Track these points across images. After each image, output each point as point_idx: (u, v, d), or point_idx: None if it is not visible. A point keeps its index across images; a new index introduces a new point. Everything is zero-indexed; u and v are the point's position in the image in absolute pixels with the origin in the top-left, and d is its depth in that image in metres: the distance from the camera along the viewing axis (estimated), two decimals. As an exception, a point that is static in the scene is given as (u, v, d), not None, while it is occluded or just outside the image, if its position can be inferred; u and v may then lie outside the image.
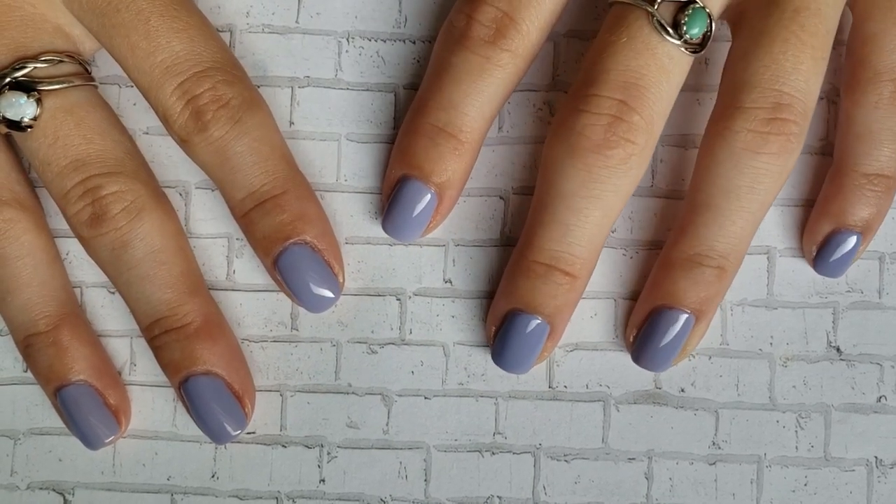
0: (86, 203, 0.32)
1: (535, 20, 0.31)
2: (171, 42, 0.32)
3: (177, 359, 0.33)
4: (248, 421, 0.34)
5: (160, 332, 0.33)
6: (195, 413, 0.33)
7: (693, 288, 0.32)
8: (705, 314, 0.33)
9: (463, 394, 0.35)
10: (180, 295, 0.33)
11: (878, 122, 0.33)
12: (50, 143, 0.32)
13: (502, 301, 0.33)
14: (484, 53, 0.31)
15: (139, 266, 0.33)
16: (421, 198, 0.33)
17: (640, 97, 0.30)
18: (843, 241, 0.34)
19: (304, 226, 0.33)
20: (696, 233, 0.32)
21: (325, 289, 0.34)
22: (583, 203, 0.31)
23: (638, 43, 0.30)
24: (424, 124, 0.32)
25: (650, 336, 0.33)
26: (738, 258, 0.32)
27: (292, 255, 0.33)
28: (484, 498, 0.35)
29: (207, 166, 0.33)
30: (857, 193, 0.33)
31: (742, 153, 0.30)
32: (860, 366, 0.35)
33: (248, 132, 0.32)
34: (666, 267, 0.33)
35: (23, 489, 0.36)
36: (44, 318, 0.33)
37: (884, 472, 0.35)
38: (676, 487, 0.35)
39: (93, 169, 0.32)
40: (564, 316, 0.33)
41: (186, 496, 0.36)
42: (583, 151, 0.30)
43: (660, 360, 0.33)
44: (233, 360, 0.34)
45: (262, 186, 0.33)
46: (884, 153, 0.33)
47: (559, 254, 0.32)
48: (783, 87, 0.30)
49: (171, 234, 0.33)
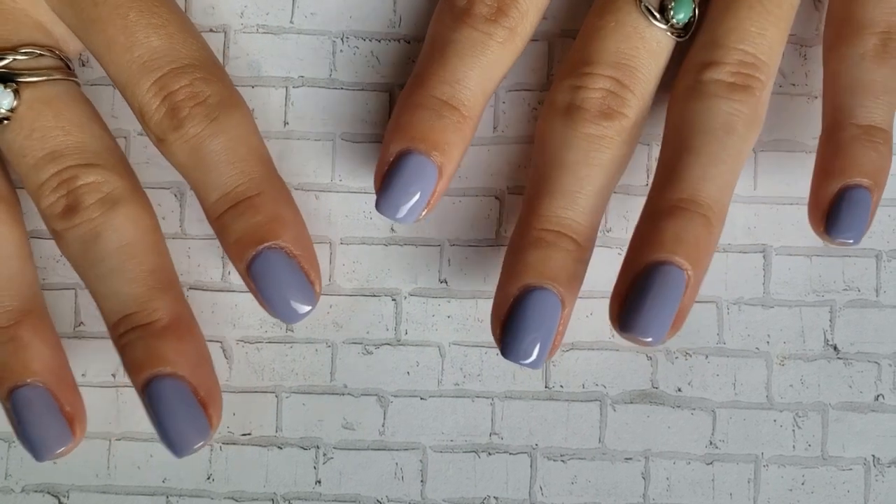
0: (60, 195, 0.31)
1: (534, 0, 0.32)
2: (150, 38, 0.31)
3: (140, 358, 0.31)
4: (212, 432, 0.32)
5: (126, 329, 0.31)
6: (155, 418, 0.31)
7: (684, 238, 0.30)
8: (698, 268, 0.31)
9: (459, 394, 0.35)
10: (149, 290, 0.31)
11: (865, 73, 0.32)
12: (26, 135, 0.31)
13: (510, 281, 0.31)
14: (486, 30, 0.32)
15: (110, 259, 0.31)
16: (423, 172, 0.32)
17: (631, 76, 0.31)
18: (855, 197, 0.31)
19: (279, 229, 0.31)
20: (680, 177, 0.31)
21: (300, 301, 0.32)
22: (585, 171, 0.31)
23: (627, 27, 0.32)
24: (428, 97, 0.32)
25: (643, 296, 0.30)
26: (722, 210, 0.31)
27: (266, 261, 0.31)
28: (480, 499, 0.35)
29: (182, 166, 0.32)
30: (856, 144, 0.31)
31: (713, 99, 0.31)
32: (857, 364, 0.35)
33: (224, 131, 0.31)
34: (652, 217, 0.31)
35: (17, 492, 0.35)
36: (5, 313, 0.32)
37: (881, 470, 0.35)
38: (673, 487, 0.35)
39: (69, 160, 0.31)
40: (574, 293, 0.32)
41: (182, 498, 0.35)
42: (583, 122, 0.31)
43: (657, 324, 0.30)
44: (200, 364, 0.32)
45: (236, 187, 0.31)
46: (877, 104, 0.32)
47: (566, 221, 0.31)
48: (747, 48, 0.31)
49: (146, 228, 0.32)
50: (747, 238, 0.36)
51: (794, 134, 0.36)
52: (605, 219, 0.35)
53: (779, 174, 0.36)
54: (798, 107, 0.36)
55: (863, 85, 0.32)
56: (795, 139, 0.36)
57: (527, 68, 0.36)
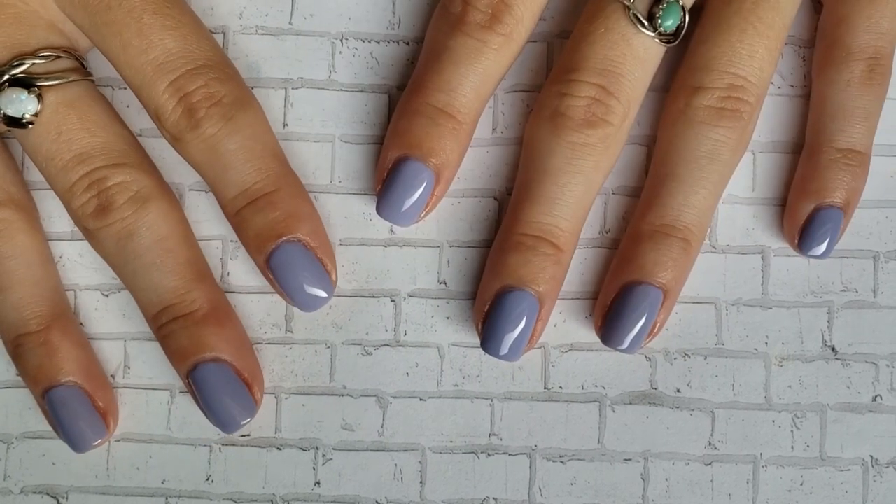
0: (91, 195, 0.32)
1: (529, 5, 0.32)
2: (164, 39, 0.32)
3: (184, 346, 0.33)
4: (257, 408, 0.34)
5: (167, 319, 0.33)
6: (204, 401, 0.33)
7: (662, 261, 0.33)
8: (673, 290, 0.33)
9: (458, 395, 0.35)
10: (187, 282, 0.33)
11: (851, 99, 0.34)
12: (53, 139, 0.32)
13: (491, 281, 0.33)
14: (480, 37, 0.32)
15: (145, 254, 0.33)
16: (420, 178, 0.33)
17: (617, 83, 0.32)
18: (826, 218, 0.34)
19: (296, 223, 0.33)
20: (663, 203, 0.33)
21: (318, 287, 0.33)
22: (566, 178, 0.32)
23: (615, 34, 0.32)
24: (424, 105, 0.33)
25: (621, 313, 0.33)
26: (701, 231, 0.33)
27: (285, 253, 0.33)
28: (480, 500, 0.35)
29: (199, 164, 0.33)
30: (833, 168, 0.34)
31: (700, 126, 0.32)
32: (855, 365, 0.35)
33: (240, 130, 0.32)
34: (634, 240, 0.33)
35: (16, 493, 0.35)
36: (35, 318, 0.33)
37: (879, 471, 0.35)
38: (672, 488, 0.35)
39: (97, 161, 0.32)
40: (553, 293, 0.33)
41: (181, 499, 0.35)
42: (566, 130, 0.32)
43: (635, 339, 0.33)
44: (241, 347, 0.34)
45: (254, 184, 0.33)
46: (857, 130, 0.34)
47: (546, 226, 0.33)
48: (738, 70, 0.32)
49: (177, 222, 0.33)
50: (746, 239, 0.36)
51: (792, 135, 0.36)
52: (603, 220, 0.35)
53: (777, 176, 0.36)
54: (796, 108, 0.36)
55: (846, 111, 0.34)
56: (794, 141, 0.36)
57: (526, 69, 0.36)
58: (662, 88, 0.35)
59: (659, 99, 0.35)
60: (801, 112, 0.36)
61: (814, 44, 0.35)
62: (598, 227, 0.35)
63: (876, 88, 0.33)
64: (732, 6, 0.32)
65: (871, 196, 0.35)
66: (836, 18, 0.34)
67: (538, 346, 0.35)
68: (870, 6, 0.33)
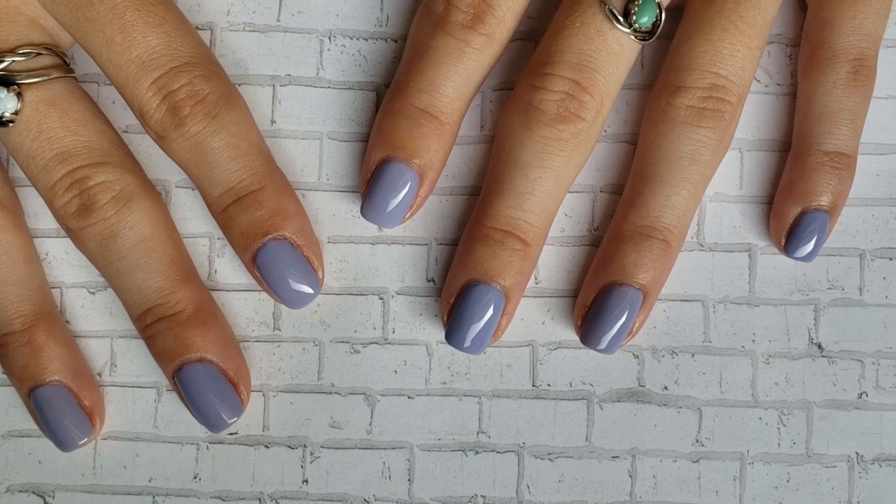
0: (73, 195, 0.32)
1: (511, 5, 0.32)
2: (147, 37, 0.32)
3: (170, 346, 0.33)
4: (243, 407, 0.34)
5: (152, 320, 0.33)
6: (190, 401, 0.33)
7: (642, 262, 0.33)
8: (653, 291, 0.33)
9: (446, 393, 0.35)
10: (172, 282, 0.33)
11: (836, 101, 0.34)
12: (34, 137, 0.32)
13: (458, 273, 0.33)
14: (462, 37, 0.32)
15: (129, 255, 0.32)
16: (403, 179, 0.33)
17: (590, 78, 0.32)
18: (812, 221, 0.34)
19: (282, 221, 0.33)
20: (644, 203, 0.33)
21: (305, 284, 0.33)
22: (537, 173, 0.32)
23: (590, 28, 0.32)
24: (406, 106, 0.33)
25: (600, 314, 0.33)
26: (682, 232, 0.33)
27: (271, 251, 0.33)
28: (468, 497, 0.35)
29: (184, 163, 0.33)
30: (819, 171, 0.34)
31: (682, 126, 0.32)
32: (841, 362, 0.36)
33: (225, 127, 0.32)
34: (615, 240, 0.34)
35: (2, 492, 0.35)
36: (19, 318, 0.33)
37: (865, 467, 0.35)
38: (660, 485, 0.35)
39: (79, 160, 0.32)
40: (520, 287, 0.33)
41: (168, 498, 0.35)
42: (538, 124, 0.32)
43: (614, 339, 0.33)
44: (227, 347, 0.34)
45: (239, 182, 0.32)
46: (843, 132, 0.34)
47: (515, 221, 0.33)
48: (720, 70, 0.32)
49: (161, 222, 0.33)
50: (733, 237, 0.36)
51: (779, 133, 0.36)
52: (592, 217, 0.36)
53: (764, 174, 0.36)
54: (783, 106, 0.36)
55: (832, 113, 0.34)
56: (781, 139, 0.36)
57: (512, 67, 0.36)
58: (648, 87, 0.35)
59: (646, 97, 0.35)
60: (787, 110, 0.36)
61: (800, 42, 0.35)
62: (587, 224, 0.35)
63: (861, 90, 0.34)
64: (714, 5, 0.32)
65: (858, 194, 0.35)
66: (820, 20, 0.34)
67: (526, 343, 0.35)
68: (853, 8, 0.33)
